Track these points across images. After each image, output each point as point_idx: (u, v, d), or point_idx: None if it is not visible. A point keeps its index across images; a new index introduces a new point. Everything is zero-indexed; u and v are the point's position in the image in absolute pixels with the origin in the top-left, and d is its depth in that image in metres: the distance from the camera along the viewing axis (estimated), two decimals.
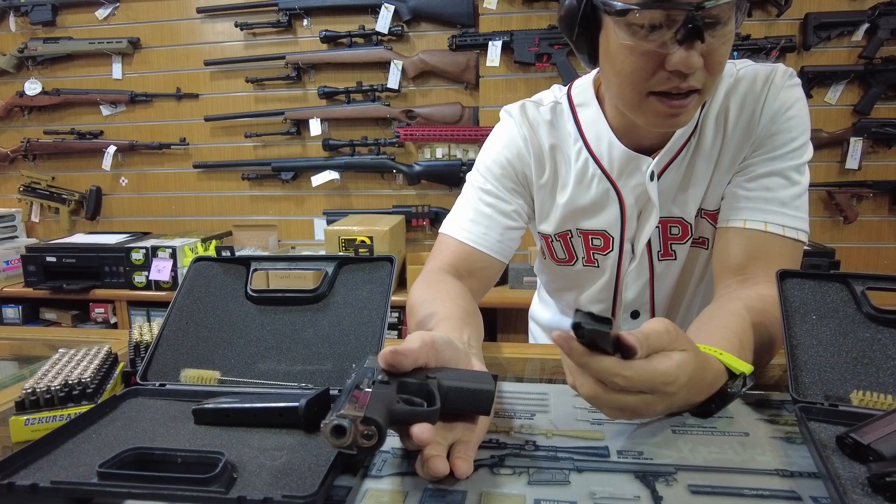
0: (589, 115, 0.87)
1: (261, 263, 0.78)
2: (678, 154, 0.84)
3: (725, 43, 0.68)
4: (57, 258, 2.40)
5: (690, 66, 0.66)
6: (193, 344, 0.71)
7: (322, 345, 0.69)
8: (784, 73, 0.81)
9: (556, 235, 0.94)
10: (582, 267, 0.95)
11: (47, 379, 0.64)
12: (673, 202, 0.87)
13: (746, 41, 2.21)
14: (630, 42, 0.68)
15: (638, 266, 0.91)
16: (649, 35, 0.67)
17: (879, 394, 0.60)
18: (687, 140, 0.84)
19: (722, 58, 0.69)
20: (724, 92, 0.83)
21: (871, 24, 2.16)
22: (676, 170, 0.85)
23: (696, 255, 0.92)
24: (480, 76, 2.33)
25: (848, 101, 2.25)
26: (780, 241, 0.80)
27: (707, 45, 0.66)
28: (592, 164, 0.87)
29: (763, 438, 0.58)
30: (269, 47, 2.56)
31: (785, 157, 0.80)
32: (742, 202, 0.82)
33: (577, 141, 0.88)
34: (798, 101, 0.81)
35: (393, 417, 0.48)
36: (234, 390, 0.65)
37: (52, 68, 2.76)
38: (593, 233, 0.91)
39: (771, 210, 0.80)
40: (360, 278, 0.74)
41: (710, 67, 0.69)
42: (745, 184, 0.82)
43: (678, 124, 0.76)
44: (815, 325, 0.68)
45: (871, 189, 2.26)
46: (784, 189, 0.80)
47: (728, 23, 0.67)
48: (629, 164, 0.85)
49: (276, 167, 2.56)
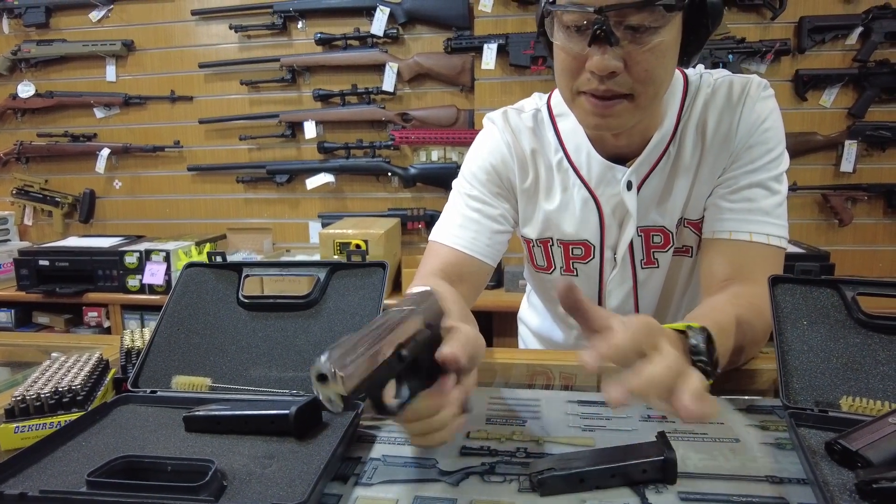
0: (568, 125, 0.89)
1: (252, 269, 0.77)
2: (657, 164, 0.86)
3: (652, 52, 0.69)
4: (50, 262, 2.38)
5: (603, 68, 0.68)
6: (185, 350, 0.71)
7: (314, 351, 0.69)
8: (759, 84, 0.83)
9: (538, 241, 0.95)
10: (560, 276, 0.96)
11: (37, 386, 0.64)
12: (654, 211, 0.88)
13: (742, 44, 2.21)
14: (559, 41, 0.72)
15: (620, 274, 0.92)
16: (573, 36, 0.70)
17: (869, 399, 0.60)
18: (665, 149, 0.85)
19: (649, 66, 0.70)
20: (702, 103, 0.84)
21: (865, 28, 2.16)
22: (657, 179, 0.86)
23: (680, 263, 0.93)
24: (476, 79, 2.33)
25: (842, 105, 2.26)
26: (766, 249, 0.81)
27: (628, 51, 0.68)
28: (572, 173, 0.89)
29: (754, 445, 0.59)
30: (264, 50, 2.55)
31: (764, 168, 0.82)
32: (726, 214, 0.83)
33: (558, 151, 0.90)
34: (773, 113, 0.82)
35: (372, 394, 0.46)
36: (226, 397, 0.65)
37: (46, 70, 2.75)
38: (574, 243, 0.92)
39: (755, 220, 0.81)
40: (352, 284, 0.74)
41: (636, 75, 0.70)
42: (729, 196, 0.83)
43: (610, 126, 0.77)
44: (806, 330, 0.68)
45: (865, 192, 2.27)
46: (765, 199, 0.81)
47: (656, 34, 0.68)
48: (606, 174, 0.86)
49: (270, 170, 2.56)
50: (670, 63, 0.74)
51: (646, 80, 0.71)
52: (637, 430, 0.62)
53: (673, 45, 0.73)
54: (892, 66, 2.16)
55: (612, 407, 0.53)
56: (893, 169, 2.26)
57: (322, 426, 0.60)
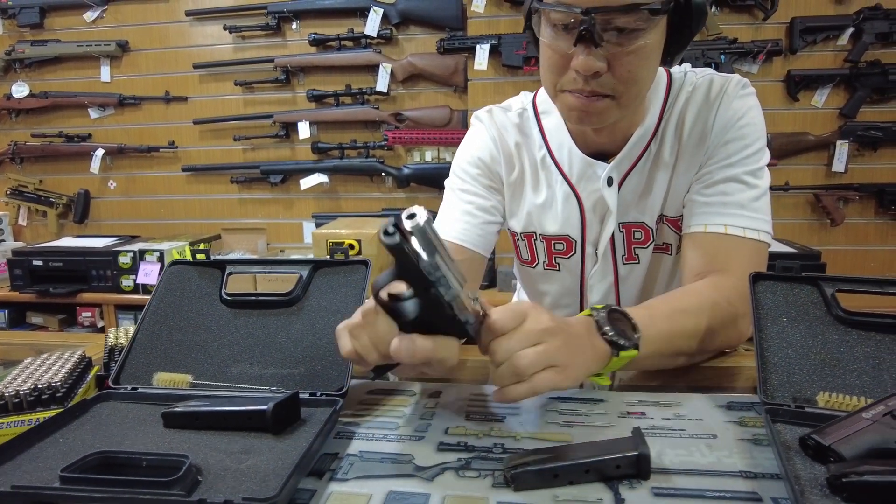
0: (552, 123, 0.91)
1: (236, 267, 0.78)
2: (638, 161, 0.87)
3: (636, 54, 0.70)
4: (44, 262, 2.39)
5: (588, 68, 0.70)
6: (167, 347, 0.71)
7: (294, 349, 0.69)
8: (738, 83, 0.83)
9: (522, 235, 0.97)
10: (542, 270, 0.98)
11: (17, 383, 0.64)
12: (635, 208, 0.89)
13: (734, 44, 2.22)
14: (546, 39, 0.73)
15: (601, 268, 0.93)
16: (560, 34, 0.71)
17: (845, 395, 0.60)
18: (646, 147, 0.86)
19: (632, 67, 0.71)
20: (683, 101, 0.85)
21: (857, 29, 2.17)
22: (638, 176, 0.87)
23: (660, 260, 0.94)
24: (469, 79, 2.34)
25: (834, 105, 2.27)
26: (742, 242, 0.81)
27: (611, 51, 0.69)
28: (555, 169, 0.91)
29: (731, 440, 0.59)
30: (258, 50, 2.56)
31: (740, 163, 0.82)
32: (701, 208, 0.83)
33: (542, 148, 0.92)
34: (751, 109, 0.83)
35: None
36: (205, 394, 0.65)
37: (40, 71, 2.75)
38: (556, 238, 0.94)
39: (730, 213, 0.81)
40: (335, 282, 0.75)
41: (619, 75, 0.71)
42: (703, 190, 0.84)
43: (592, 123, 0.78)
44: (786, 327, 0.68)
45: (857, 192, 2.28)
46: (741, 193, 0.81)
47: (640, 37, 0.69)
48: (587, 170, 0.88)
49: (265, 170, 2.56)
50: (653, 64, 0.75)
51: (628, 80, 0.72)
52: (615, 426, 0.62)
53: (656, 47, 0.74)
54: (883, 67, 2.17)
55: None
56: (885, 169, 2.27)
57: (300, 422, 0.60)
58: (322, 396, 0.63)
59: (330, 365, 0.67)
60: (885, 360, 0.63)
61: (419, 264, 0.45)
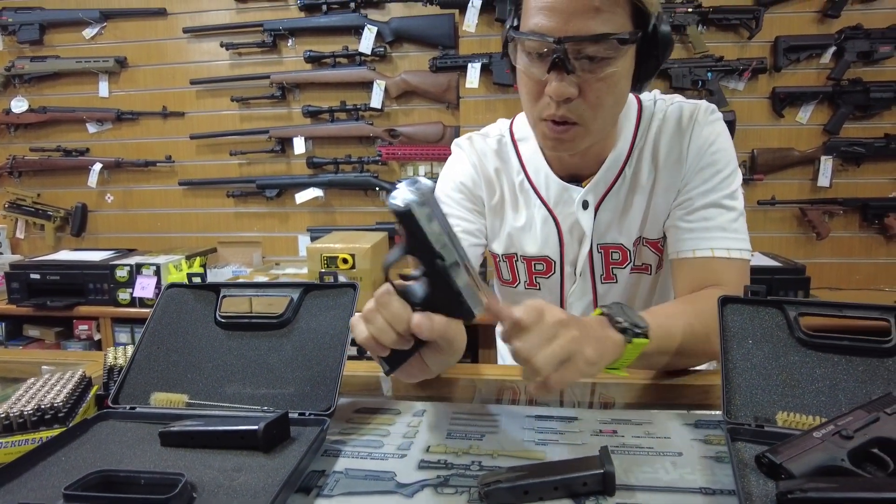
0: (529, 149, 0.96)
1: (230, 290, 0.81)
2: (613, 185, 0.91)
3: (605, 81, 0.75)
4: (41, 275, 2.41)
5: (560, 94, 0.74)
6: (164, 368, 0.75)
7: (285, 369, 0.73)
8: (706, 109, 0.88)
9: (504, 256, 1.01)
10: (524, 290, 1.02)
11: (21, 403, 0.67)
12: (613, 230, 0.94)
13: (720, 62, 2.28)
14: (521, 66, 0.78)
15: (580, 287, 0.98)
16: (535, 61, 0.76)
17: (802, 415, 0.64)
18: (620, 171, 0.91)
19: (601, 93, 0.76)
20: (656, 128, 0.90)
21: (838, 48, 2.23)
22: (614, 200, 0.92)
23: (639, 279, 0.98)
24: (461, 96, 2.39)
25: (818, 121, 2.32)
26: (728, 262, 0.86)
27: (582, 79, 0.74)
28: (533, 194, 0.95)
29: (695, 458, 0.62)
30: (254, 67, 2.60)
31: (716, 188, 0.87)
32: (686, 234, 0.88)
33: (520, 173, 0.96)
34: (720, 136, 0.88)
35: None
36: (200, 413, 0.68)
37: (39, 86, 2.79)
38: (536, 258, 0.98)
39: (714, 237, 0.86)
40: (324, 304, 0.78)
41: (589, 101, 0.76)
42: (686, 217, 0.88)
43: (566, 150, 0.83)
44: (751, 349, 0.72)
45: (841, 206, 2.33)
46: (721, 216, 0.87)
47: (610, 65, 0.74)
48: (563, 194, 0.93)
49: (260, 185, 2.60)
50: (621, 91, 0.80)
51: (597, 106, 0.77)
52: (587, 443, 0.65)
53: (625, 75, 0.78)
54: (865, 85, 2.22)
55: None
56: (868, 184, 2.33)
57: (290, 441, 0.63)
58: (311, 416, 0.67)
59: (319, 385, 0.70)
60: (841, 380, 0.67)
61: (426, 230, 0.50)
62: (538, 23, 0.73)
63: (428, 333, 0.55)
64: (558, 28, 0.72)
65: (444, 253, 0.52)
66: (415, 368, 0.63)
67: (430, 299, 0.56)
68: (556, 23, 0.72)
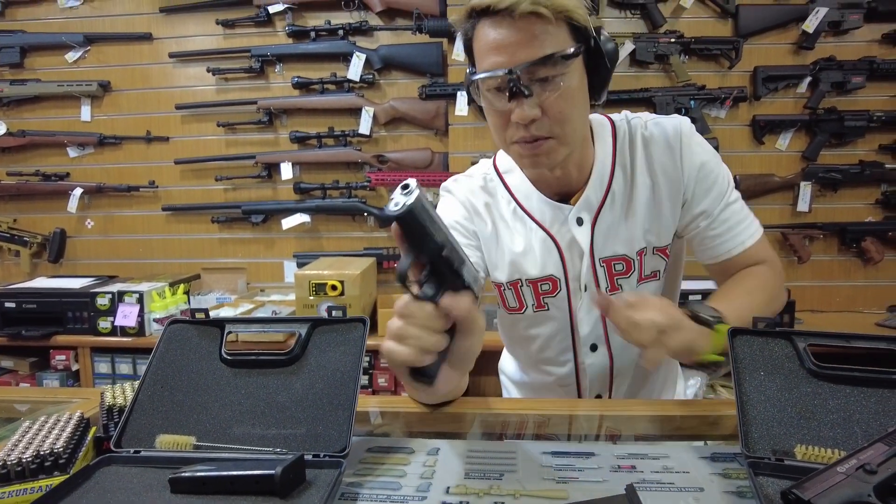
0: (515, 179, 1.00)
1: (235, 326, 0.79)
2: (604, 202, 0.95)
3: (562, 96, 0.81)
4: (17, 304, 2.33)
5: (524, 117, 0.81)
6: (168, 408, 0.72)
7: (296, 408, 0.71)
8: (689, 129, 0.96)
9: (508, 283, 1.02)
10: (532, 313, 1.03)
11: (18, 450, 0.64)
12: (613, 243, 0.97)
13: (702, 91, 2.33)
14: (485, 103, 0.86)
15: (587, 302, 0.99)
16: (496, 95, 0.83)
17: (821, 448, 0.64)
18: (608, 188, 0.95)
19: (561, 108, 0.82)
20: (641, 143, 0.96)
21: (814, 78, 2.31)
22: (609, 216, 0.96)
23: (648, 287, 1.00)
24: (449, 124, 2.40)
25: (797, 148, 2.39)
26: (757, 244, 0.98)
27: (541, 98, 0.81)
28: (528, 219, 0.98)
29: (717, 494, 0.62)
30: (241, 92, 2.59)
31: (722, 192, 0.96)
32: (717, 241, 0.98)
33: (510, 202, 1.00)
34: (705, 150, 0.96)
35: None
36: (210, 456, 0.66)
37: (19, 110, 2.74)
38: (541, 279, 0.99)
39: (740, 233, 0.97)
40: (332, 340, 0.77)
41: (553, 117, 0.82)
42: (711, 226, 0.97)
43: (543, 164, 0.87)
44: (763, 381, 0.72)
45: (821, 230, 2.39)
46: (736, 213, 0.97)
47: (562, 80, 0.81)
48: (556, 214, 0.97)
49: (246, 210, 2.57)
50: (581, 102, 0.85)
51: (562, 120, 0.83)
52: (608, 480, 0.65)
53: (580, 87, 0.84)
54: (840, 114, 2.30)
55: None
56: (845, 209, 2.39)
57: (306, 485, 0.61)
58: (326, 458, 0.65)
59: (332, 425, 0.69)
60: (855, 412, 0.68)
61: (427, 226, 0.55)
62: (491, 61, 0.81)
63: (462, 308, 0.59)
64: (508, 61, 0.79)
65: (444, 242, 0.57)
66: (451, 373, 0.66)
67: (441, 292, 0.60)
68: (505, 57, 0.79)
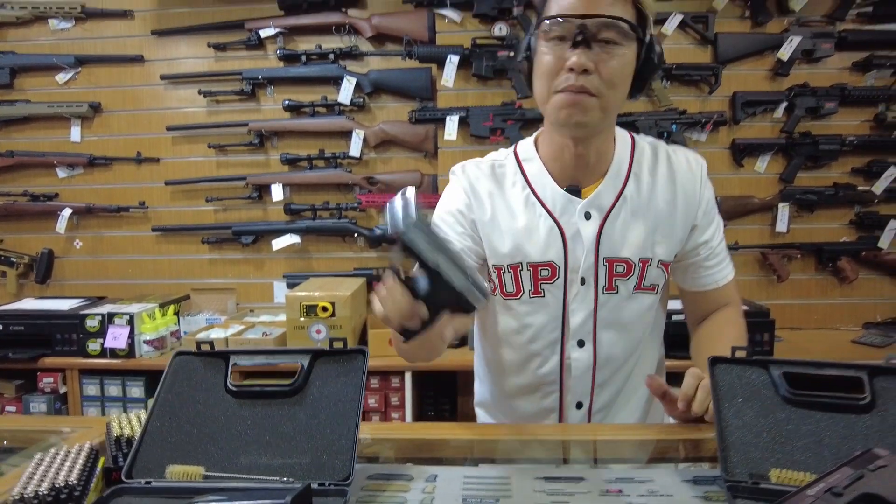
0: (533, 168, 1.06)
1: (239, 358, 0.82)
2: (615, 204, 1.02)
3: (616, 59, 0.90)
4: (3, 325, 2.32)
5: (580, 64, 0.88)
6: (178, 439, 0.75)
7: (300, 438, 0.74)
8: (704, 164, 1.07)
9: (509, 266, 1.05)
10: (528, 298, 1.05)
11: (33, 483, 0.66)
12: (618, 245, 1.02)
13: (683, 115, 2.41)
14: (545, 48, 0.92)
15: (583, 294, 1.03)
16: (558, 44, 0.91)
17: (794, 471, 0.69)
18: (621, 192, 1.02)
19: (613, 70, 0.90)
20: (665, 158, 1.05)
21: (789, 103, 2.40)
22: (619, 218, 1.02)
23: (644, 298, 1.05)
24: (438, 147, 2.46)
25: (774, 170, 2.48)
26: (730, 283, 1.11)
27: (598, 55, 0.89)
28: (539, 206, 1.03)
29: None
30: (232, 114, 2.62)
31: (718, 228, 1.09)
32: (707, 271, 1.09)
33: (525, 188, 1.05)
34: (712, 187, 1.07)
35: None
36: (220, 486, 0.69)
37: (7, 130, 2.74)
38: (541, 264, 1.04)
39: (723, 268, 1.10)
40: (334, 370, 0.80)
41: (603, 75, 0.90)
42: (709, 257, 1.08)
43: (578, 118, 0.93)
44: (741, 407, 0.77)
45: (798, 250, 2.47)
46: (724, 249, 1.10)
47: (619, 45, 0.90)
48: (567, 204, 1.02)
49: (236, 231, 2.59)
50: (626, 81, 0.94)
51: (609, 82, 0.90)
52: None
53: (629, 66, 0.93)
54: (814, 138, 2.39)
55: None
56: (821, 229, 2.48)
57: None
58: (331, 486, 0.68)
59: (336, 454, 0.72)
60: (825, 436, 0.73)
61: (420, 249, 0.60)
62: (569, 2, 0.89)
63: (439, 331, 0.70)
64: (585, 7, 0.88)
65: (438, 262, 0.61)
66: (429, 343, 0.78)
67: (432, 294, 0.65)
68: (581, 8, 0.88)
